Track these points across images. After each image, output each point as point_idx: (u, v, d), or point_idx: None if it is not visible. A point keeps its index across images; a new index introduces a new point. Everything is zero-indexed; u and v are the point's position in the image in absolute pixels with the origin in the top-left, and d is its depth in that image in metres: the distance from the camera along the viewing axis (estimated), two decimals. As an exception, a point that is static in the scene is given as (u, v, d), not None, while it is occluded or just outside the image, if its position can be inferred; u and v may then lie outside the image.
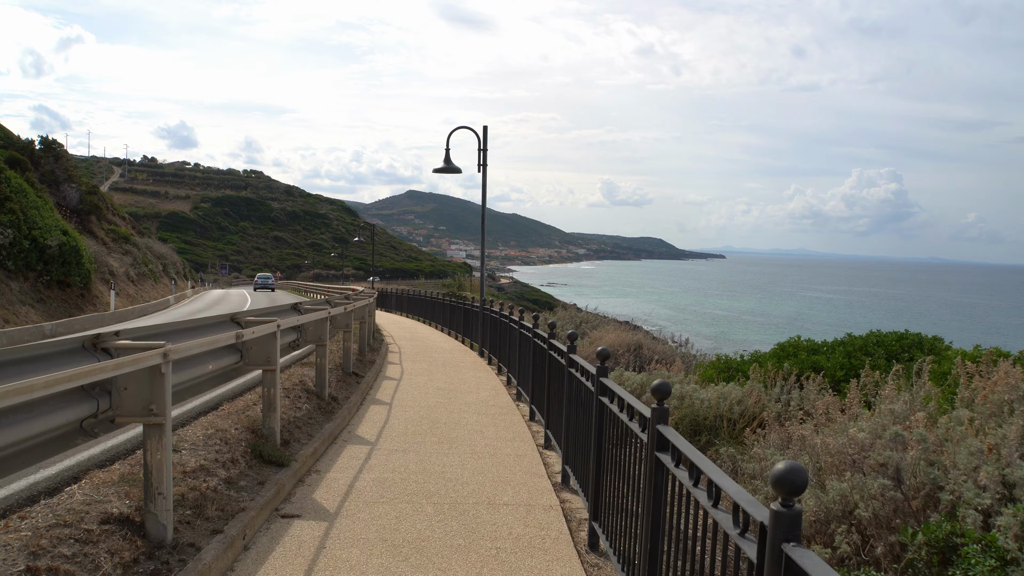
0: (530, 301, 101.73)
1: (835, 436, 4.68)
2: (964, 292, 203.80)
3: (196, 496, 5.26)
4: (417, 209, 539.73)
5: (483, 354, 18.38)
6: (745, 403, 8.29)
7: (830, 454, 4.52)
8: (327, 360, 9.64)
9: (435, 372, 14.74)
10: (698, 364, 10.75)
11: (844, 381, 8.39)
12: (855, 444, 4.40)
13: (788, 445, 5.40)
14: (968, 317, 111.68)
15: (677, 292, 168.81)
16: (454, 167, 18.60)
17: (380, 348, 17.77)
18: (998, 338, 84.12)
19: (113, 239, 50.43)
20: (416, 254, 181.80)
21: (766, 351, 9.91)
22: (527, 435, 9.25)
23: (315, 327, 9.43)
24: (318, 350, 9.61)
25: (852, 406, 5.09)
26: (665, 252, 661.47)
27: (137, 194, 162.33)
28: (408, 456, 7.84)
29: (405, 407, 10.66)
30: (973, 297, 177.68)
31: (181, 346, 4.70)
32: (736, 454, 6.44)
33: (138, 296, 42.65)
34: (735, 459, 6.27)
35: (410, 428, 9.26)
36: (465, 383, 13.39)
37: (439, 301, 28.59)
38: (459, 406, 11.01)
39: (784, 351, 9.39)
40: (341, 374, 11.88)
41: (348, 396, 10.51)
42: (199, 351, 5.03)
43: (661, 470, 3.75)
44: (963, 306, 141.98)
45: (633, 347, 12.51)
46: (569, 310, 21.44)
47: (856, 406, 5.09)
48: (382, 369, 14.72)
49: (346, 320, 11.97)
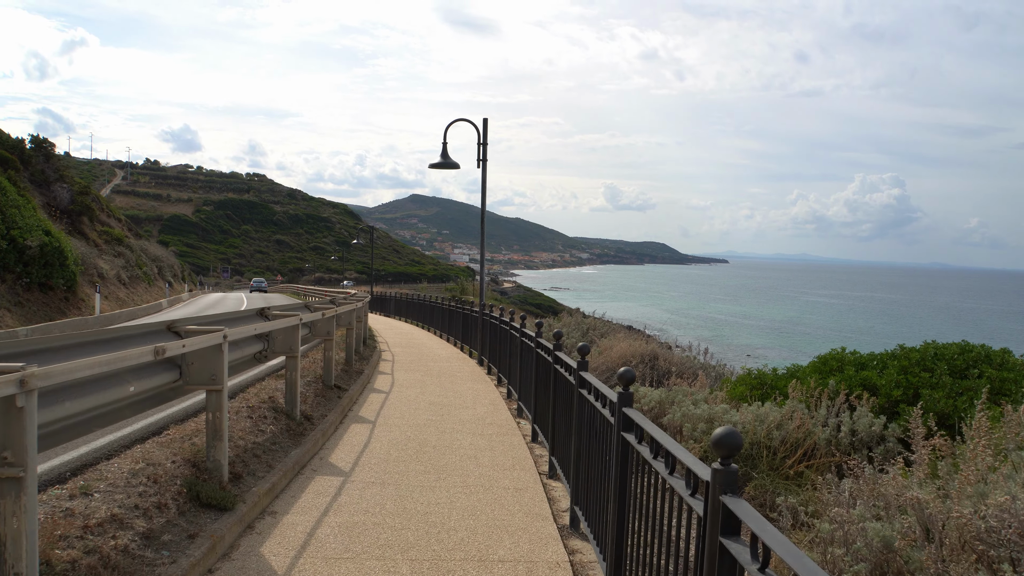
0: (533, 305, 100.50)
1: (968, 503, 3.39)
2: (963, 297, 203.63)
3: (93, 563, 3.99)
4: (420, 213, 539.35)
5: (482, 362, 17.12)
6: (786, 427, 7.01)
7: (961, 530, 3.23)
8: (299, 374, 8.36)
9: (429, 383, 13.47)
10: (724, 379, 9.45)
11: (903, 403, 7.10)
12: (1016, 519, 3.09)
13: (875, 500, 4.11)
14: (969, 323, 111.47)
15: (680, 297, 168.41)
16: (452, 162, 17.34)
17: (371, 356, 16.49)
18: (996, 343, 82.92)
19: (106, 241, 49.23)
20: (419, 258, 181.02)
21: (803, 364, 8.63)
22: (528, 461, 7.98)
23: (285, 336, 8.16)
24: (288, 362, 8.33)
25: (977, 453, 3.80)
26: (668, 257, 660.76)
27: (139, 197, 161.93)
28: (387, 491, 6.57)
29: (391, 426, 9.38)
30: (972, 302, 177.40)
31: (56, 368, 3.44)
32: (796, 503, 5.15)
33: (129, 299, 41.42)
34: (796, 512, 4.98)
35: (393, 453, 7.98)
36: (461, 396, 12.12)
37: (437, 305, 27.32)
38: (452, 424, 9.73)
39: (826, 365, 8.10)
40: (321, 387, 10.60)
41: (325, 414, 9.23)
42: (89, 373, 3.75)
43: (727, 559, 2.50)
44: (962, 311, 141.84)
45: (648, 358, 11.23)
46: (574, 316, 20.12)
47: (984, 453, 3.79)
48: (370, 380, 13.45)
49: (327, 327, 10.70)
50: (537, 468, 7.77)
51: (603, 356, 11.62)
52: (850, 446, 6.81)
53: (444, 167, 17.32)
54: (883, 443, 6.68)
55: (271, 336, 8.14)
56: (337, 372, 12.48)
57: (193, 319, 6.19)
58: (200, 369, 5.71)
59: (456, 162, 17.41)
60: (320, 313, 9.71)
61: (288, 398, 8.40)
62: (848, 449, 6.80)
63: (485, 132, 17.34)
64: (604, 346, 12.19)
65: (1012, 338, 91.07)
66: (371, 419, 9.82)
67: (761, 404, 7.55)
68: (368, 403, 10.99)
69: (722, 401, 8.18)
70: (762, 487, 6.36)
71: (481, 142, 17.26)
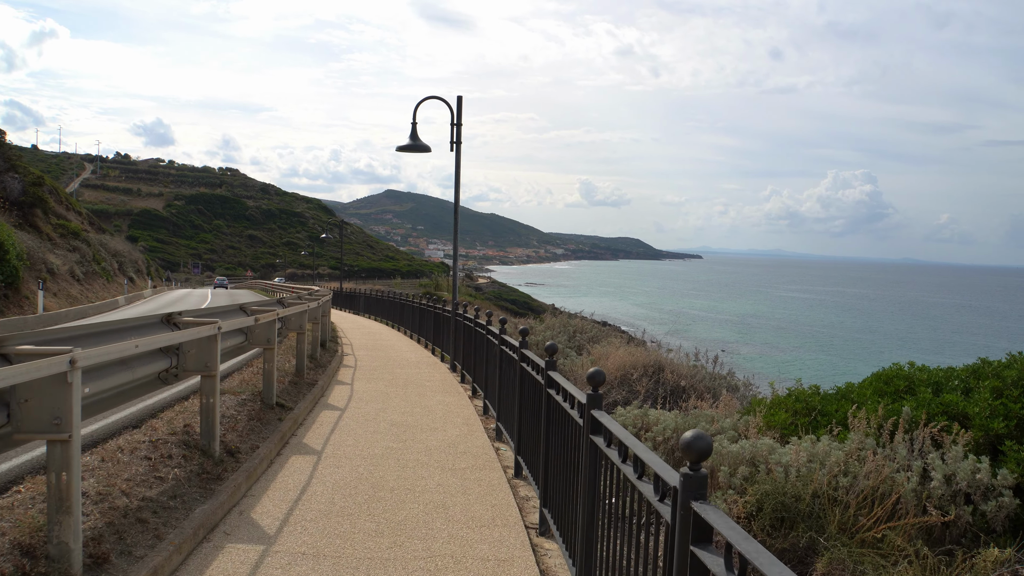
0: (508, 301, 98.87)
1: None
2: (931, 292, 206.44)
3: None
4: (395, 209, 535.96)
5: (455, 368, 15.32)
6: (854, 471, 5.29)
7: None
8: (218, 398, 6.49)
9: (393, 396, 11.63)
10: (754, 400, 7.71)
11: (1009, 438, 5.40)
12: None
13: None
14: (933, 317, 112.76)
15: (653, 292, 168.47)
16: (422, 144, 15.47)
17: (330, 362, 14.62)
18: (968, 337, 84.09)
19: (61, 235, 46.76)
20: (393, 253, 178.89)
21: (855, 381, 6.91)
22: (512, 510, 6.20)
23: (199, 350, 6.30)
24: (204, 384, 6.46)
25: None
26: (643, 252, 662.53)
27: (109, 191, 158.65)
28: (321, 567, 4.76)
29: (340, 459, 7.54)
30: (939, 297, 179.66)
31: None
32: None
33: (82, 297, 39.05)
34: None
35: (338, 502, 6.16)
36: (429, 413, 10.29)
37: (407, 303, 25.44)
38: (417, 454, 7.92)
39: (890, 385, 6.39)
40: (259, 408, 8.73)
41: (257, 445, 7.37)
42: None
43: None
44: (929, 305, 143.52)
45: (651, 369, 9.45)
46: (560, 316, 18.28)
47: None
48: (325, 393, 11.58)
49: (266, 333, 8.82)
50: (524, 520, 6.00)
51: (598, 366, 9.80)
52: (947, 499, 5.09)
53: (413, 150, 15.45)
54: (995, 496, 4.96)
55: (181, 350, 6.28)
56: (285, 385, 10.61)
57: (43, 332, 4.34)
58: (34, 412, 3.88)
59: (426, 144, 15.53)
60: (252, 319, 7.84)
61: (204, 429, 6.53)
62: (944, 502, 5.09)
63: (459, 112, 15.51)
64: (598, 354, 10.36)
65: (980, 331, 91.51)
66: (317, 448, 7.97)
67: (816, 438, 5.82)
68: (317, 425, 9.13)
69: (758, 430, 6.44)
70: (839, 561, 4.62)
71: (455, 123, 15.42)
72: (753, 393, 10.55)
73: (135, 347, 4.81)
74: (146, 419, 7.61)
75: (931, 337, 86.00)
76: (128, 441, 6.31)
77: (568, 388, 4.81)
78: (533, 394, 6.44)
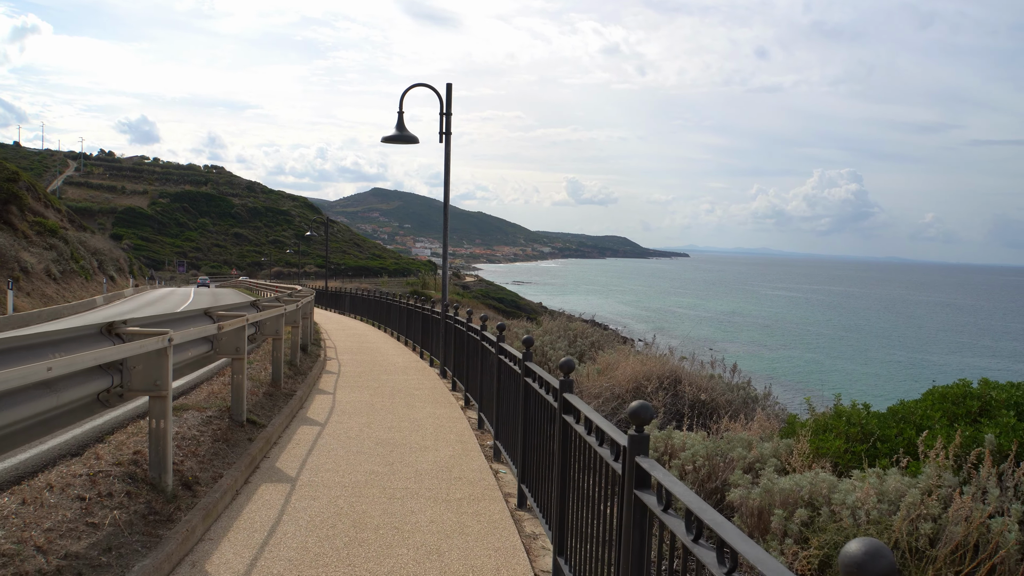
0: (496, 300, 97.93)
1: None
2: (914, 290, 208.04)
3: None
4: (382, 207, 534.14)
5: (444, 373, 14.35)
6: (935, 514, 4.35)
7: None
8: (169, 422, 5.48)
9: (379, 408, 10.64)
10: (790, 419, 6.77)
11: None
12: None
13: None
14: (918, 316, 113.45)
15: (641, 291, 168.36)
16: (409, 135, 14.46)
17: (311, 369, 13.61)
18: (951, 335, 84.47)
19: (37, 232, 45.45)
20: (380, 252, 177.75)
21: (910, 399, 5.98)
22: (519, 554, 5.23)
23: (146, 366, 5.30)
24: (153, 405, 5.46)
25: None
26: (630, 251, 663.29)
27: (92, 189, 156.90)
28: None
29: (317, 488, 6.55)
30: (924, 295, 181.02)
31: None
32: None
33: (58, 296, 37.81)
34: None
35: (311, 547, 5.17)
36: (419, 429, 9.31)
37: (394, 303, 24.41)
38: (406, 480, 6.94)
39: (960, 406, 5.47)
40: (227, 426, 7.71)
41: (220, 473, 6.36)
42: None
43: None
44: (915, 303, 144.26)
45: (668, 381, 8.47)
46: (558, 319, 17.23)
47: None
48: (304, 405, 10.57)
49: (235, 341, 7.80)
50: (533, 567, 5.04)
51: (606, 377, 8.81)
52: (1057, 554, 4.15)
53: (400, 141, 14.44)
54: (1120, 552, 4.03)
55: (125, 366, 5.28)
56: (259, 397, 9.60)
57: None
58: None
59: (413, 135, 14.53)
60: (217, 325, 6.83)
61: (154, 459, 5.52)
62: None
63: (448, 101, 14.52)
64: (605, 363, 9.36)
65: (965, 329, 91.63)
66: (291, 474, 6.97)
67: (881, 471, 4.88)
68: (293, 444, 8.12)
69: (804, 458, 5.49)
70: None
71: (444, 111, 14.43)
72: (777, 407, 9.62)
73: (47, 371, 3.81)
74: (91, 443, 6.59)
75: (916, 335, 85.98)
76: (62, 475, 5.30)
77: (596, 421, 3.82)
78: (541, 416, 5.48)
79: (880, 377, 52.87)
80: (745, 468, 5.64)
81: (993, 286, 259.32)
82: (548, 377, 5.22)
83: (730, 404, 8.14)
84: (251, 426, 8.08)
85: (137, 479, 5.45)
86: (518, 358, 6.52)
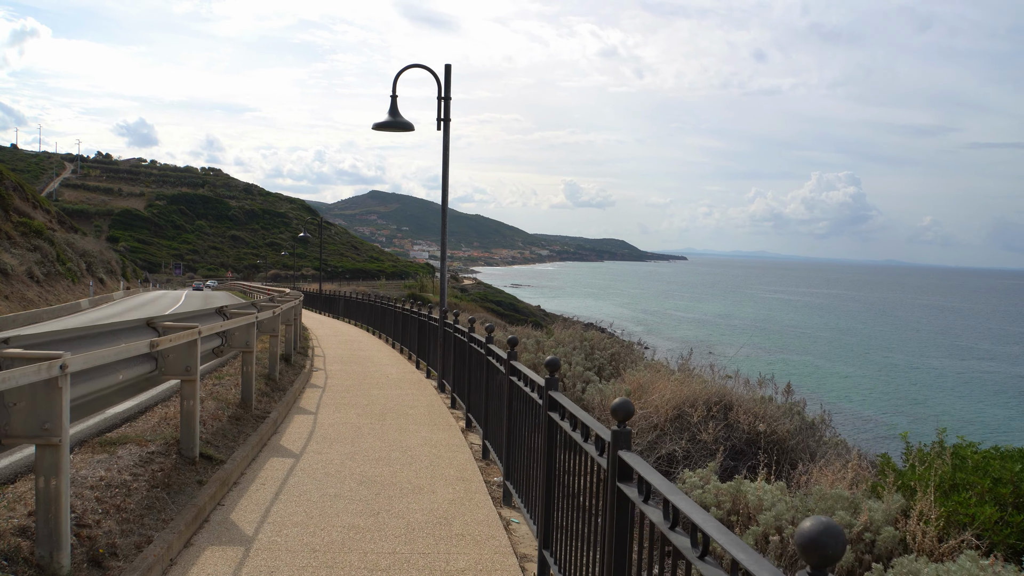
0: (494, 303, 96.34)
1: None
2: (916, 294, 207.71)
3: None
4: (380, 209, 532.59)
5: (443, 387, 12.87)
6: None
7: None
8: (64, 479, 3.96)
9: (366, 432, 9.12)
10: (882, 462, 5.27)
11: None
12: None
13: None
14: (916, 319, 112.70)
15: (638, 294, 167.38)
16: (402, 122, 12.96)
17: (293, 382, 12.11)
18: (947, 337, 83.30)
19: (22, 233, 43.92)
20: (378, 254, 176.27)
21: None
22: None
23: (30, 403, 3.81)
24: (40, 457, 3.96)
25: None
26: (628, 254, 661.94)
27: (89, 191, 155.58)
28: None
29: (278, 556, 5.04)
30: (923, 298, 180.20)
31: None
32: None
33: (40, 299, 36.23)
34: None
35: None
36: (413, 461, 7.79)
37: (389, 308, 22.89)
38: (394, 540, 5.43)
39: None
40: (174, 463, 6.20)
41: (150, 536, 4.85)
42: None
43: None
44: (913, 307, 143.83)
45: (717, 407, 6.91)
46: (572, 328, 15.60)
47: None
48: (279, 429, 9.05)
49: (182, 361, 6.28)
50: None
51: (640, 402, 7.24)
52: None
53: (393, 128, 12.93)
54: None
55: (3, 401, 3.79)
56: (223, 422, 8.09)
57: None
58: None
59: (408, 122, 13.04)
60: (145, 343, 5.30)
61: (43, 532, 4.00)
62: None
63: (448, 84, 13.04)
64: (636, 382, 7.77)
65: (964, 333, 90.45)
66: (249, 532, 5.46)
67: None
68: (257, 486, 6.60)
69: (934, 528, 3.99)
70: None
71: (442, 96, 12.95)
72: (831, 434, 8.11)
73: None
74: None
75: (915, 339, 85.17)
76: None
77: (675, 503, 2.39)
78: (574, 463, 4.02)
79: (880, 379, 51.94)
80: (851, 538, 4.15)
81: (992, 290, 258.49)
82: (593, 424, 3.73)
83: (792, 435, 6.63)
84: (205, 462, 6.57)
85: (17, 559, 3.94)
86: (539, 384, 5.04)
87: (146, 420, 7.64)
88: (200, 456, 6.58)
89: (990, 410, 44.14)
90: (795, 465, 6.17)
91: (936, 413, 40.08)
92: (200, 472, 6.32)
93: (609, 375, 9.99)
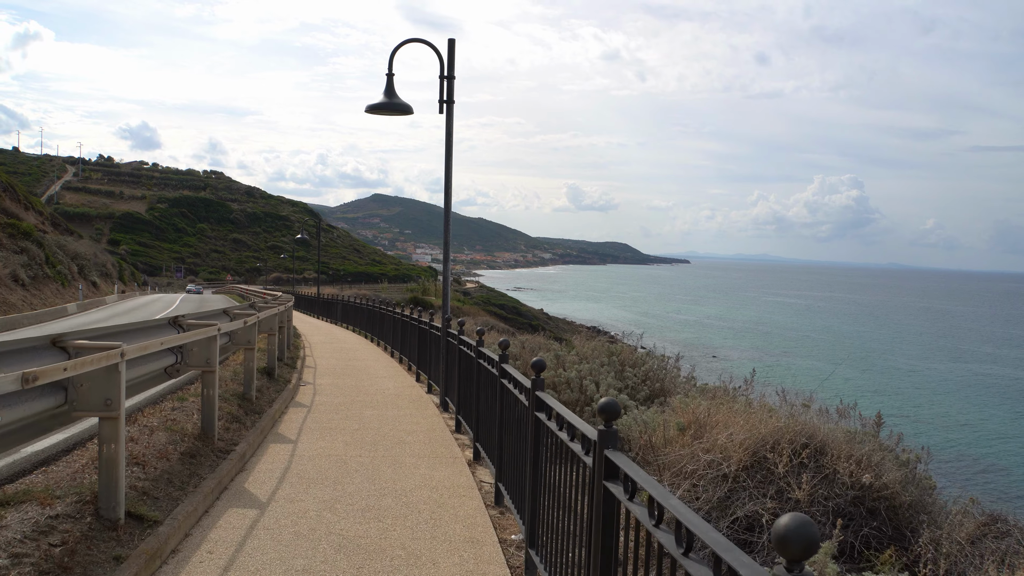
0: (497, 306, 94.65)
1: None
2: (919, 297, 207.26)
3: None
4: (383, 213, 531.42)
5: (445, 406, 11.28)
6: None
7: None
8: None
9: (353, 470, 7.50)
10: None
11: None
12: None
13: None
14: (919, 323, 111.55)
15: (641, 297, 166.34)
16: (399, 103, 11.36)
17: (274, 401, 10.50)
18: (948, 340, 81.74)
19: (9, 235, 42.35)
20: (380, 258, 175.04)
21: None
22: None
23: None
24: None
25: None
26: (630, 257, 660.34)
27: (91, 194, 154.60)
28: None
29: None
30: (926, 302, 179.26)
31: None
32: None
33: (24, 303, 34.64)
34: None
35: None
36: (409, 514, 6.17)
37: (388, 314, 21.27)
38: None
39: None
40: (85, 531, 4.58)
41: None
42: None
43: None
44: (917, 310, 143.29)
45: (807, 450, 5.19)
46: (596, 340, 13.84)
47: None
48: (247, 464, 7.42)
49: (101, 391, 4.66)
50: None
51: (700, 440, 5.54)
52: None
53: (389, 110, 11.32)
54: None
55: None
56: (171, 463, 6.45)
57: None
58: None
59: (406, 104, 11.44)
60: (60, 366, 3.67)
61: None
62: None
63: (451, 62, 11.46)
64: (690, 413, 6.09)
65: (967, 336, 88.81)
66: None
67: None
68: (198, 560, 4.95)
69: None
70: None
71: (445, 75, 11.36)
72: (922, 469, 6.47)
73: None
74: None
75: (918, 341, 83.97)
76: None
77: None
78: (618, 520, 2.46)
79: (880, 382, 50.79)
80: None
81: (995, 293, 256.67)
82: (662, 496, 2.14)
83: (904, 489, 4.99)
84: (133, 525, 4.95)
85: None
86: (591, 440, 3.44)
87: (70, 462, 5.99)
88: (127, 516, 4.95)
89: (992, 411, 42.72)
90: (915, 532, 4.59)
91: (949, 415, 38.69)
92: (122, 542, 4.69)
93: (645, 398, 8.37)
